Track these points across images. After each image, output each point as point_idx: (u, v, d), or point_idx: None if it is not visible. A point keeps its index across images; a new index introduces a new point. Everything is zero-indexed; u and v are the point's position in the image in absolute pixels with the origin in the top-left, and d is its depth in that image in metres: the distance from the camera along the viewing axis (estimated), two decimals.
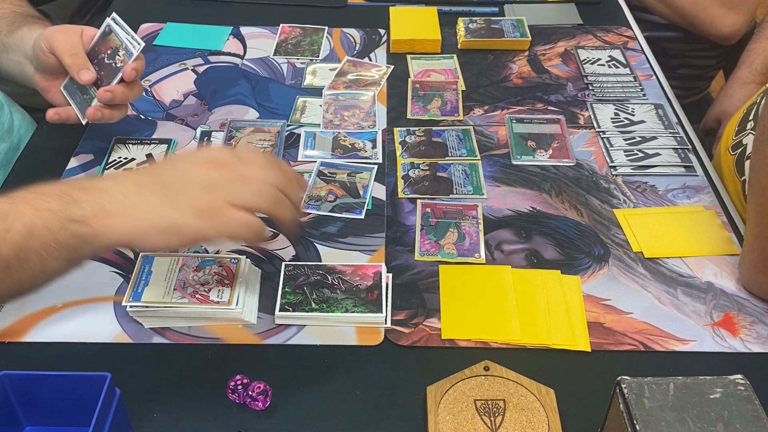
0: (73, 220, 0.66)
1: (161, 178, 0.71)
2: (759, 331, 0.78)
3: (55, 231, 0.65)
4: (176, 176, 0.71)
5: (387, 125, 1.07)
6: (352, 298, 0.79)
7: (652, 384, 0.59)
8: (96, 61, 0.93)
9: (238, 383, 0.70)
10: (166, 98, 1.12)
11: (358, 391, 0.72)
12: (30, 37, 0.94)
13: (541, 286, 0.82)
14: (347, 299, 0.79)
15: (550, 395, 0.69)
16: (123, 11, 1.33)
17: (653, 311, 0.80)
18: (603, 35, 1.29)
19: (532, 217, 0.92)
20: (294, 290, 0.79)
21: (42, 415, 0.66)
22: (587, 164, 1.00)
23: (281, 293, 0.79)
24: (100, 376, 0.62)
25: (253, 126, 1.05)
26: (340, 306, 0.78)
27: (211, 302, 0.76)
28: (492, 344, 0.76)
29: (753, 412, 0.57)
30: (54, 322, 0.78)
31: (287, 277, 0.81)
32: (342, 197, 0.94)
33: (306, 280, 0.81)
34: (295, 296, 0.79)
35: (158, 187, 0.69)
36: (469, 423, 0.66)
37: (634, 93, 1.14)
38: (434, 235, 0.88)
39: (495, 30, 1.26)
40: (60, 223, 0.65)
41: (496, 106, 1.11)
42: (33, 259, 0.65)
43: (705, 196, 0.95)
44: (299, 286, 0.80)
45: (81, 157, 1.00)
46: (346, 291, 0.80)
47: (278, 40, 1.25)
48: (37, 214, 0.65)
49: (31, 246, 0.64)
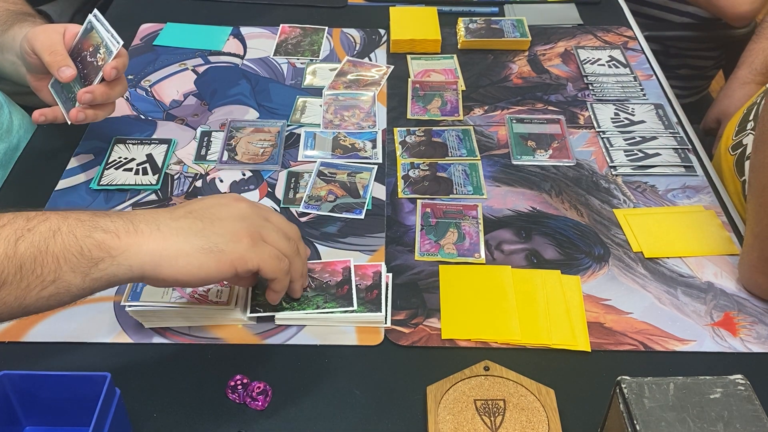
0: (102, 229, 0.63)
1: (193, 209, 0.69)
2: (759, 331, 0.78)
3: (79, 238, 0.62)
4: (208, 207, 0.70)
5: (387, 125, 1.07)
6: (323, 294, 0.79)
7: (652, 384, 0.59)
8: (79, 59, 0.91)
9: (238, 383, 0.70)
10: (166, 98, 1.12)
11: (358, 391, 0.72)
12: (21, 36, 0.93)
13: (541, 286, 0.82)
14: (317, 296, 0.78)
15: (550, 395, 0.69)
16: (123, 11, 1.35)
17: (653, 311, 0.80)
18: (603, 35, 1.29)
19: (532, 217, 0.92)
20: (264, 291, 0.76)
21: (42, 415, 0.66)
22: (587, 164, 1.00)
23: (251, 295, 0.78)
24: (100, 376, 0.62)
25: (253, 126, 1.05)
26: (311, 303, 0.77)
27: (209, 302, 0.76)
28: (492, 344, 0.76)
29: (753, 412, 0.57)
30: (54, 322, 0.78)
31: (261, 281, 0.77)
32: (342, 197, 0.94)
33: None
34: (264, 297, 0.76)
35: (193, 215, 0.68)
36: (469, 423, 0.66)
37: (634, 93, 1.14)
38: (434, 235, 0.88)
39: (495, 30, 1.26)
40: (86, 231, 0.62)
41: (496, 106, 1.11)
42: (49, 265, 0.61)
43: (705, 196, 0.95)
44: None
45: (81, 157, 1.00)
46: (316, 288, 0.79)
47: (278, 40, 1.25)
48: (64, 221, 0.63)
49: (51, 249, 0.61)
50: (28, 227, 0.61)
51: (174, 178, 0.97)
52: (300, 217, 0.91)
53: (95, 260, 0.62)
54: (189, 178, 0.97)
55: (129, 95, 1.12)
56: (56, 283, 0.61)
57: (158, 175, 0.96)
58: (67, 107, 0.92)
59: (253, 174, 0.98)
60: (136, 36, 1.26)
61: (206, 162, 0.99)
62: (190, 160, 1.00)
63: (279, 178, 0.97)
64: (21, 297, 0.61)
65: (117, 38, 0.89)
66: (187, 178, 0.97)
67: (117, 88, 0.92)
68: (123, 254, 0.63)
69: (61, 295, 0.62)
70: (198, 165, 0.99)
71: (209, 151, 1.01)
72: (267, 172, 0.98)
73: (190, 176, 0.97)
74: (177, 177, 0.97)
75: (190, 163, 0.99)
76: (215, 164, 0.99)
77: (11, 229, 0.61)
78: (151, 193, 0.94)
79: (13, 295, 0.61)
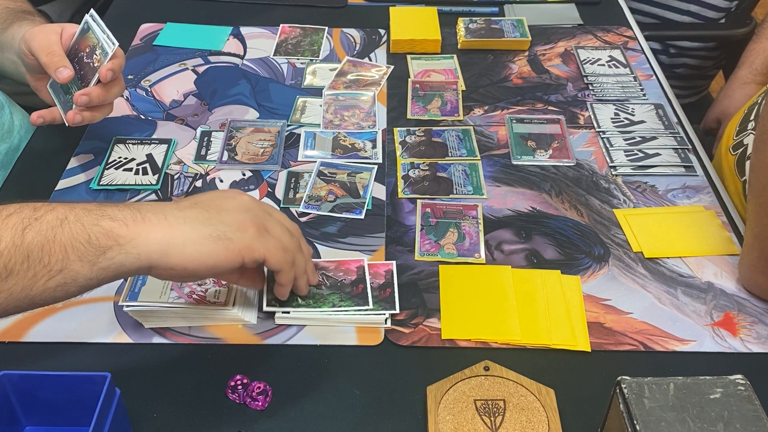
0: (109, 217, 0.63)
1: (198, 200, 0.69)
2: (759, 331, 0.78)
3: (87, 226, 0.62)
4: (213, 199, 0.70)
5: (387, 125, 1.07)
6: (338, 292, 0.79)
7: (652, 384, 0.59)
8: (76, 59, 0.90)
9: (238, 383, 0.70)
10: (166, 98, 1.12)
11: (358, 391, 0.72)
12: (20, 36, 0.92)
13: (541, 286, 0.82)
14: (333, 294, 0.79)
15: (550, 395, 0.69)
16: (123, 11, 1.35)
17: (653, 311, 0.80)
18: (603, 35, 1.28)
19: (532, 217, 0.92)
20: None
21: (42, 415, 0.66)
22: (587, 164, 1.00)
23: (266, 290, 0.78)
24: (100, 376, 0.62)
25: (253, 126, 1.05)
26: (327, 301, 0.78)
27: (207, 302, 0.76)
28: (492, 344, 0.76)
29: (753, 412, 0.57)
30: (54, 322, 0.78)
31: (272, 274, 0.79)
32: (342, 197, 0.94)
33: None
34: None
35: (199, 206, 0.68)
36: (469, 423, 0.66)
37: (634, 93, 1.14)
38: (434, 235, 0.88)
39: (495, 30, 1.26)
40: (94, 219, 0.62)
41: (496, 106, 1.11)
42: (56, 253, 0.60)
43: (705, 196, 0.95)
44: None
45: (81, 157, 1.00)
46: (332, 286, 0.80)
47: (278, 40, 1.25)
48: (71, 210, 0.62)
49: (59, 238, 0.60)
50: (35, 216, 0.61)
51: (174, 178, 0.97)
52: (300, 217, 0.91)
53: (103, 248, 0.62)
54: (189, 178, 0.97)
55: (129, 95, 1.12)
56: (63, 273, 0.61)
57: (158, 175, 0.96)
58: (65, 108, 0.92)
59: (253, 174, 0.98)
60: (136, 36, 1.26)
61: (206, 162, 1.00)
62: (190, 160, 1.00)
63: (279, 178, 0.97)
64: (28, 287, 0.60)
65: (112, 39, 0.89)
66: (187, 178, 0.97)
67: (114, 89, 0.91)
68: (131, 242, 0.63)
69: (68, 285, 0.62)
70: (198, 165, 0.99)
71: (209, 151, 1.01)
72: (267, 172, 0.98)
73: (190, 176, 0.97)
74: (177, 177, 0.97)
75: (190, 163, 0.99)
76: (215, 164, 0.99)
77: (18, 218, 0.61)
78: (151, 193, 0.94)
79: (20, 285, 0.60)
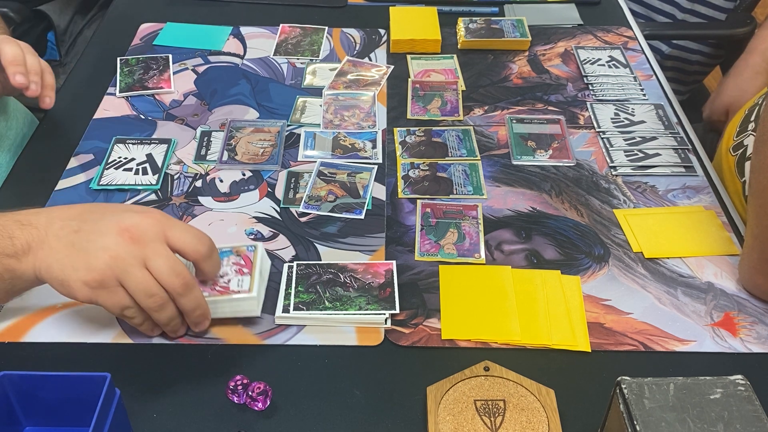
0: (6, 254, 0.69)
1: (82, 228, 0.70)
2: (759, 332, 0.78)
3: None
4: (93, 231, 0.69)
5: (387, 125, 1.07)
6: (365, 295, 0.79)
7: (652, 384, 0.59)
8: None
9: (238, 383, 0.70)
10: (166, 98, 1.12)
11: (358, 392, 0.72)
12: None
13: (541, 287, 0.82)
14: (360, 297, 0.79)
15: (550, 395, 0.69)
16: (123, 11, 1.35)
17: (653, 311, 0.80)
18: (603, 35, 1.28)
19: (532, 218, 0.92)
20: (307, 289, 0.80)
21: (42, 415, 0.66)
22: (587, 164, 1.00)
23: (294, 292, 0.79)
24: (100, 376, 0.62)
25: (253, 126, 1.05)
26: (354, 304, 0.78)
27: (232, 292, 0.75)
28: (492, 344, 0.76)
29: (753, 412, 0.57)
30: (54, 322, 0.78)
31: (300, 276, 0.81)
32: (342, 197, 0.94)
33: (318, 279, 0.81)
34: (308, 295, 0.79)
35: (75, 236, 0.69)
36: (469, 423, 0.66)
37: (634, 93, 1.14)
38: (434, 235, 0.88)
39: (495, 30, 1.26)
40: None
41: (496, 106, 1.11)
42: None
43: (705, 196, 0.95)
44: (312, 285, 0.80)
45: (81, 157, 1.00)
46: (359, 289, 0.80)
47: (278, 40, 1.25)
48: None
49: None
50: None
51: (174, 178, 0.97)
52: (300, 217, 0.91)
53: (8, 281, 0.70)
54: (189, 178, 0.97)
55: (129, 95, 1.12)
56: None
57: (158, 175, 0.96)
58: None
59: (253, 174, 0.98)
60: (136, 36, 1.26)
61: (206, 162, 0.99)
62: (190, 160, 1.00)
63: (279, 178, 0.97)
64: None
65: None
66: (187, 178, 0.97)
67: None
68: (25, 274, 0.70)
69: None
70: (198, 165, 0.99)
71: (209, 151, 1.01)
72: (267, 172, 0.98)
73: (190, 176, 0.97)
74: (177, 177, 0.97)
75: (190, 163, 0.99)
76: (215, 164, 0.99)
77: None
78: (151, 193, 0.94)
79: None
